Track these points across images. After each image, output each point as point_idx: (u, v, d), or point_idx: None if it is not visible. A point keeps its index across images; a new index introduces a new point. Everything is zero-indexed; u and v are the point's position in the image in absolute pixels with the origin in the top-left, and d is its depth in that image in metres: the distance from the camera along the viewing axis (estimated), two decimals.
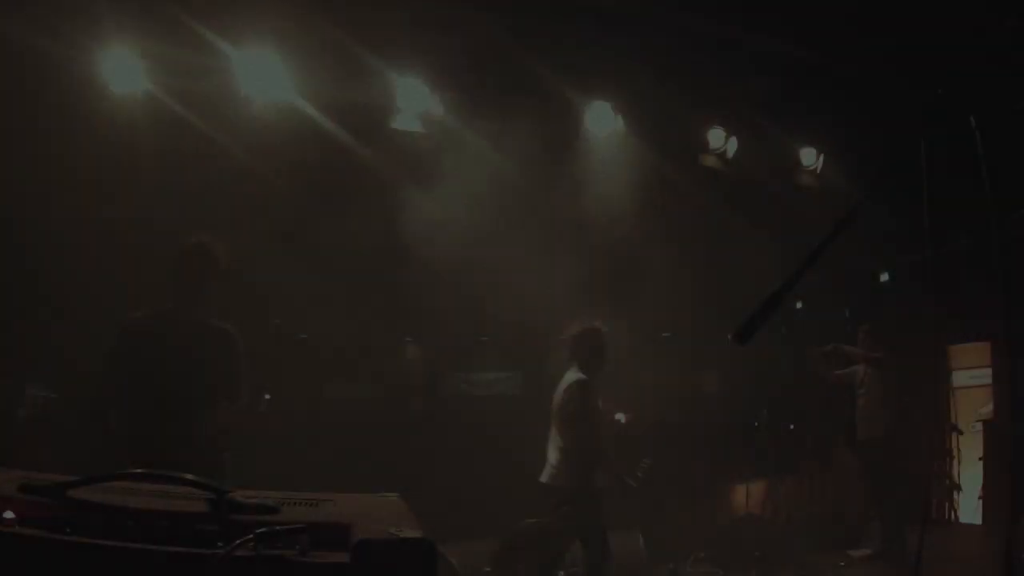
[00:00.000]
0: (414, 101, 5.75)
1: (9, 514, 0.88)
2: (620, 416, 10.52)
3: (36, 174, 4.84)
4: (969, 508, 7.36)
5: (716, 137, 6.70)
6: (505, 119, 5.69)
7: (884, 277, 9.30)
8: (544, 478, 4.67)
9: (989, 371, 7.67)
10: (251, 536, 0.84)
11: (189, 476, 1.03)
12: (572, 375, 4.79)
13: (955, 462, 7.66)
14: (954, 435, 7.60)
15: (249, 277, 5.24)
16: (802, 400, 8.76)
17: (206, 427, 3.14)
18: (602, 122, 6.35)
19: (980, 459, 7.17)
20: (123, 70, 5.00)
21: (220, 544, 0.83)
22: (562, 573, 5.43)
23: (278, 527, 0.86)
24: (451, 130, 5.89)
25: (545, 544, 4.72)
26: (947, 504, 7.53)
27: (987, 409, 7.60)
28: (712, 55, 5.95)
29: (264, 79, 5.22)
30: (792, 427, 9.02)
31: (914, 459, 6.52)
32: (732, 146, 6.76)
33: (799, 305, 9.30)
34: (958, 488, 7.57)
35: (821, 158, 7.05)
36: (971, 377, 7.83)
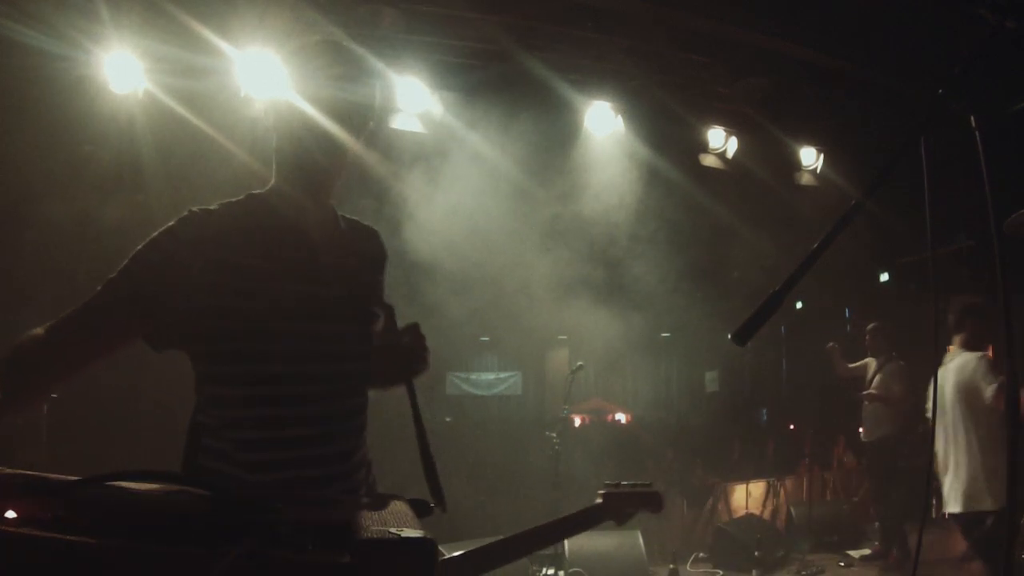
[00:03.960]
0: (414, 101, 5.76)
1: (10, 514, 0.88)
2: (620, 416, 10.54)
3: (36, 174, 4.84)
4: None
5: (716, 137, 6.71)
6: (505, 119, 5.70)
7: (884, 277, 9.32)
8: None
9: None
10: (251, 536, 0.83)
11: (189, 476, 1.03)
12: (968, 356, 3.93)
13: None
14: None
15: None
16: (802, 400, 8.77)
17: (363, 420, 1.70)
18: (602, 122, 6.36)
19: None
20: (123, 70, 5.01)
21: (220, 544, 0.83)
22: (562, 573, 5.44)
23: (279, 527, 0.86)
24: (451, 130, 5.90)
25: None
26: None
27: None
28: (712, 55, 5.96)
29: (264, 79, 5.23)
30: (792, 427, 9.04)
31: (915, 459, 6.52)
32: (732, 146, 6.77)
33: (799, 305, 9.33)
34: None
35: (821, 158, 7.07)
36: None
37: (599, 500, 2.12)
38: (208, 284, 1.50)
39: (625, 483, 2.16)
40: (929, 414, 3.48)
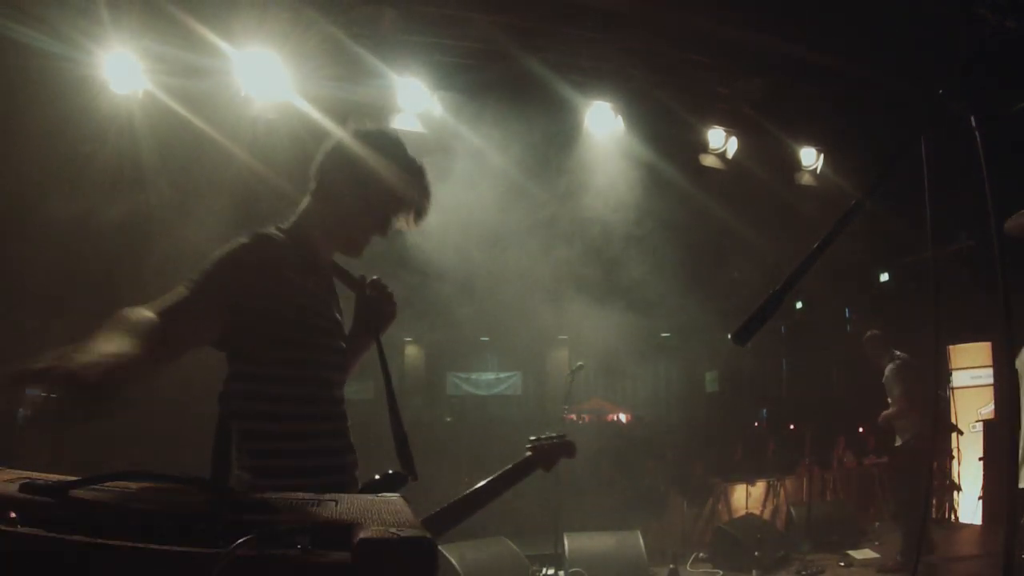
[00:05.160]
0: (414, 101, 5.76)
1: (10, 514, 0.88)
2: (620, 416, 10.54)
3: (36, 174, 4.84)
4: (969, 508, 7.37)
5: (716, 137, 6.71)
6: (505, 120, 5.70)
7: (884, 277, 9.32)
8: None
9: (989, 371, 7.68)
10: (251, 536, 0.83)
11: (189, 476, 1.03)
12: None
13: (955, 462, 7.67)
14: (954, 435, 7.60)
15: None
16: (802, 400, 8.77)
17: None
18: (602, 122, 6.36)
19: (980, 459, 7.17)
20: (123, 70, 5.01)
21: (220, 544, 0.83)
22: (562, 573, 5.44)
23: (279, 527, 0.86)
24: (451, 130, 5.90)
25: None
26: (947, 504, 7.53)
27: (987, 409, 7.61)
28: (712, 55, 5.96)
29: (264, 79, 5.23)
30: (792, 427, 9.05)
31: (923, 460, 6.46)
32: (732, 146, 6.76)
33: (799, 305, 9.34)
34: (958, 488, 7.57)
35: (821, 158, 7.06)
36: (971, 377, 7.84)
37: (528, 453, 2.50)
38: (275, 295, 1.73)
39: (544, 436, 2.55)
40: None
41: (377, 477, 1.76)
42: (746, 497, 7.32)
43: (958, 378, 7.84)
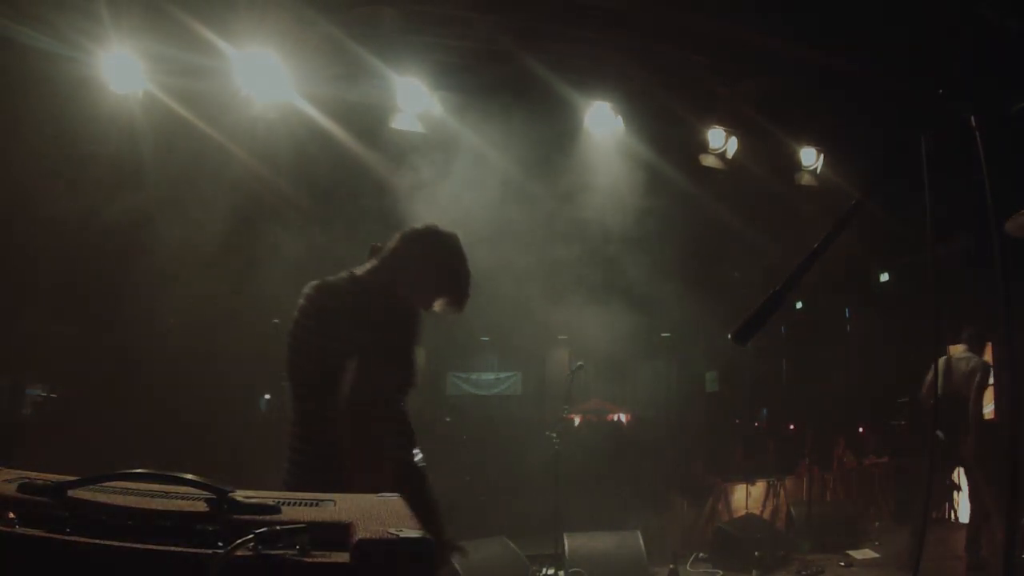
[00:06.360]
0: (414, 101, 5.76)
1: (9, 514, 0.88)
2: (620, 416, 10.54)
3: (36, 174, 4.84)
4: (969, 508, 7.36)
5: (716, 137, 6.70)
6: (505, 119, 5.70)
7: (884, 277, 9.32)
8: None
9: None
10: (251, 536, 0.83)
11: (189, 476, 1.02)
12: None
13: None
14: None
15: (248, 276, 5.24)
16: (802, 400, 8.76)
17: None
18: (602, 122, 6.35)
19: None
20: (123, 70, 5.01)
21: (220, 544, 0.83)
22: (562, 573, 5.44)
23: (278, 527, 0.86)
24: (451, 130, 5.90)
25: None
26: (947, 504, 7.53)
27: (987, 409, 7.59)
28: (712, 55, 5.96)
29: (264, 79, 5.23)
30: (792, 427, 9.04)
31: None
32: (732, 146, 6.76)
33: (799, 305, 9.33)
34: (958, 488, 7.56)
35: (821, 158, 7.06)
36: None
37: None
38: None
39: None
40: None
41: None
42: (746, 497, 7.32)
43: None
